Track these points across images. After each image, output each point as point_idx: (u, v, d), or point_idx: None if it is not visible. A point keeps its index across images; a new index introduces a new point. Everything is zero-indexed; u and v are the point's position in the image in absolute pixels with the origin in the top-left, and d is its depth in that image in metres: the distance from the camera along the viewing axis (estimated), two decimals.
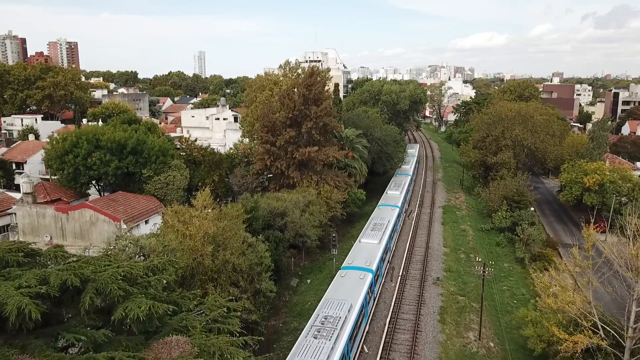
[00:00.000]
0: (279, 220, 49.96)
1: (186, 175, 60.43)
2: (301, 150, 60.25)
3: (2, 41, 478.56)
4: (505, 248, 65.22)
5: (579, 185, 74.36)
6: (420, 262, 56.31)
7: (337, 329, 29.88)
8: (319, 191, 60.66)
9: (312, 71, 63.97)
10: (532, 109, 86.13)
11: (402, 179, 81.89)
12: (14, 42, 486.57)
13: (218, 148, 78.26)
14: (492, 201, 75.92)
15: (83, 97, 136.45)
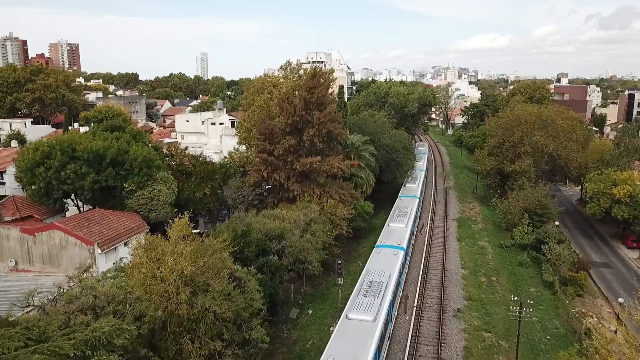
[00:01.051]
0: (276, 244, 43.48)
1: (174, 188, 54.05)
2: (302, 161, 53.82)
3: (3, 43, 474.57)
4: (530, 269, 58.51)
5: (607, 196, 67.76)
6: (436, 288, 49.67)
7: (382, 290, 37.07)
8: (322, 206, 54.22)
9: (315, 72, 57.52)
10: (554, 112, 79.44)
11: (416, 175, 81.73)
12: (15, 44, 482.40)
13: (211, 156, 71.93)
14: (511, 214, 69.32)
15: (75, 100, 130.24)
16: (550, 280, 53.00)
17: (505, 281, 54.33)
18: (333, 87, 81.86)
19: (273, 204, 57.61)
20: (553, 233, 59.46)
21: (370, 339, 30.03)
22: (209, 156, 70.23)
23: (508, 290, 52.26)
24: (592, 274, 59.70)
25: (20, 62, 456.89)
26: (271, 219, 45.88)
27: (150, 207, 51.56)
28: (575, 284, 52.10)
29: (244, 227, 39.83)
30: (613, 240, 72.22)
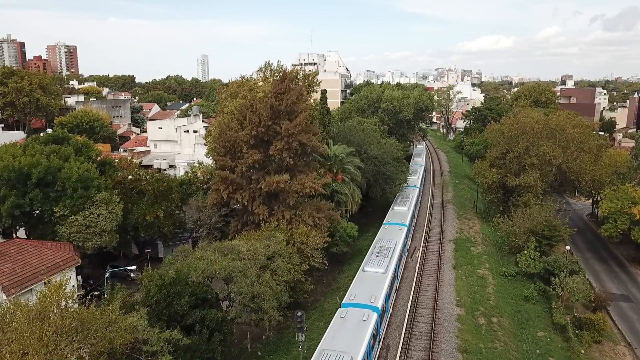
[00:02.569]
0: (224, 289, 35.14)
1: (117, 211, 45.75)
2: (268, 179, 45.46)
3: (0, 45, 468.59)
4: (537, 305, 49.91)
5: (625, 216, 59.12)
6: (425, 335, 41.17)
7: (390, 252, 45.08)
8: (291, 233, 45.83)
9: (284, 75, 49.11)
10: (564, 119, 70.75)
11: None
12: (12, 46, 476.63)
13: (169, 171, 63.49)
14: (515, 236, 60.71)
15: (51, 104, 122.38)
16: (562, 323, 44.39)
17: (508, 322, 45.78)
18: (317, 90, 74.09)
19: (236, 229, 49.30)
20: (564, 263, 50.83)
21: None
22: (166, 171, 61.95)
23: (512, 335, 43.74)
24: (611, 310, 51.10)
25: (17, 64, 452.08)
26: (220, 255, 37.44)
27: (85, 235, 43.29)
28: (592, 328, 43.49)
29: (173, 274, 31.44)
30: (632, 265, 63.58)
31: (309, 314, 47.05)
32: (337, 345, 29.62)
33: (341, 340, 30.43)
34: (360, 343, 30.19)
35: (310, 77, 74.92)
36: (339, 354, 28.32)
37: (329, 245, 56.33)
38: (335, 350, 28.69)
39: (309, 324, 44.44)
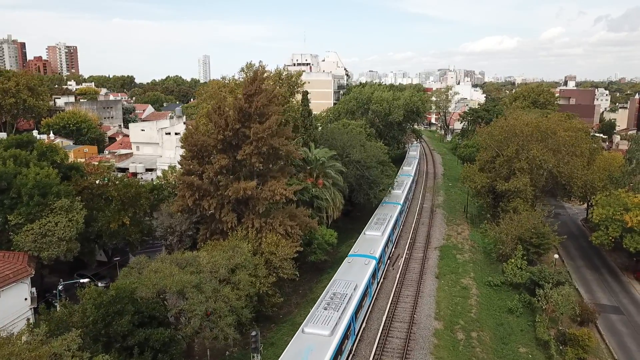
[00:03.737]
0: (177, 304, 32.80)
1: (79, 219, 43.50)
2: (235, 186, 43.12)
3: (0, 45, 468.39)
4: (522, 318, 47.43)
5: (617, 224, 56.49)
6: (397, 351, 38.83)
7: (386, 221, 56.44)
8: (260, 243, 43.51)
9: (255, 76, 46.71)
10: (555, 122, 68.16)
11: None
12: (12, 47, 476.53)
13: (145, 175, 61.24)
14: (503, 243, 58.24)
15: (38, 105, 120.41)
16: (545, 338, 41.91)
17: (489, 337, 43.34)
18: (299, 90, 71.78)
19: (205, 237, 47.01)
20: (550, 274, 48.30)
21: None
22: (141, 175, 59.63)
23: (491, 351, 41.30)
24: (600, 322, 48.48)
25: (17, 64, 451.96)
26: (177, 267, 35.13)
27: (41, 245, 41.06)
28: (577, 344, 40.96)
29: (112, 292, 29.10)
30: (624, 274, 60.90)
31: (279, 327, 44.86)
32: (346, 277, 42.09)
33: (349, 275, 42.69)
34: (363, 277, 42.49)
35: (294, 77, 72.76)
36: (347, 281, 40.81)
37: (307, 254, 54.14)
38: (345, 280, 41.31)
39: (277, 338, 42.26)
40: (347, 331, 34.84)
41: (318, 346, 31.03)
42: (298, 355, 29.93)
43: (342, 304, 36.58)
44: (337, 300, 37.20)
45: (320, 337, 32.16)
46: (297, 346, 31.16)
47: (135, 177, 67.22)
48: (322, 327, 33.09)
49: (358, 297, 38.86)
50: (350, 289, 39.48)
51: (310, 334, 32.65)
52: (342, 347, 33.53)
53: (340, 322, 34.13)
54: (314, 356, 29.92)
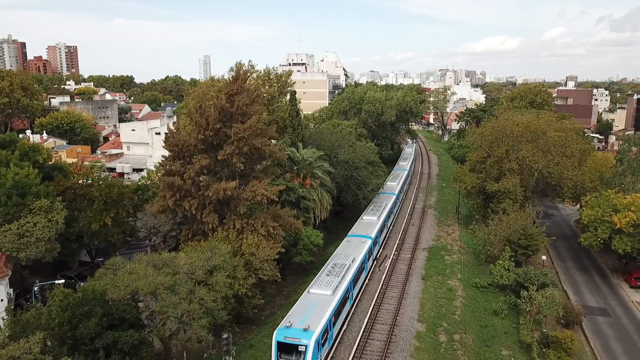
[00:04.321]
0: (149, 306, 32.40)
1: (59, 219, 43.16)
2: (215, 187, 42.72)
3: (0, 45, 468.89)
4: (506, 320, 46.96)
5: (606, 225, 55.98)
6: (377, 354, 38.38)
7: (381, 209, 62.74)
8: (240, 244, 43.10)
9: (237, 75, 46.32)
10: (545, 122, 67.60)
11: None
12: (12, 47, 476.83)
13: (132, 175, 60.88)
14: (491, 244, 57.82)
15: (32, 105, 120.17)
16: (527, 341, 41.45)
17: (471, 340, 42.89)
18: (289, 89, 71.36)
19: (187, 238, 46.62)
20: (536, 275, 47.78)
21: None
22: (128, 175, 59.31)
23: (473, 354, 40.87)
24: (586, 324, 47.96)
25: (17, 64, 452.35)
26: (154, 269, 34.76)
27: (19, 245, 40.72)
28: (559, 347, 40.48)
29: (79, 294, 28.72)
30: (614, 275, 60.34)
31: (261, 328, 44.46)
32: (345, 252, 48.19)
33: (348, 250, 48.83)
34: (360, 252, 48.50)
35: (283, 77, 72.36)
36: (346, 254, 47.09)
37: (292, 255, 53.79)
38: (344, 254, 47.48)
39: (257, 340, 41.91)
40: (346, 294, 40.64)
41: (321, 302, 36.98)
42: (305, 309, 35.81)
43: (341, 272, 42.35)
44: (337, 269, 43.06)
45: (323, 296, 38.02)
46: (304, 303, 37.18)
47: (122, 177, 66.98)
48: (324, 289, 38.93)
49: (355, 267, 44.77)
50: (349, 261, 45.38)
51: (314, 293, 38.59)
52: (341, 308, 39.04)
53: (340, 285, 39.93)
54: (318, 309, 35.83)
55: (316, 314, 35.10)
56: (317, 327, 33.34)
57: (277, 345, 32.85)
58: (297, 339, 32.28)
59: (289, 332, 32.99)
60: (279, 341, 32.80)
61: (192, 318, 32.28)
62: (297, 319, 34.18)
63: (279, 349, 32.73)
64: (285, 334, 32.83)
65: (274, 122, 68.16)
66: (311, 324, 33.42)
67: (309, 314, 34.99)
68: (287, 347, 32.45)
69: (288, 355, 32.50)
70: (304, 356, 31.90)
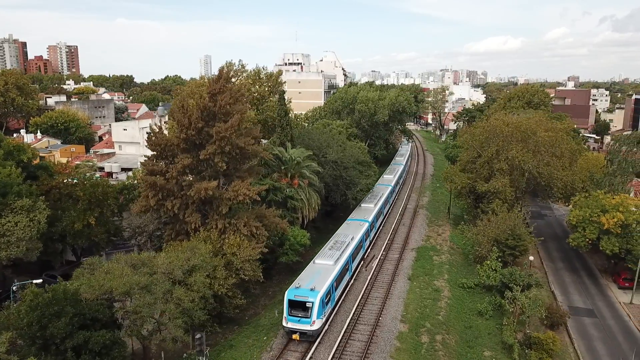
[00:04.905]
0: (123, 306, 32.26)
1: (41, 219, 43.06)
2: (196, 186, 42.57)
3: (1, 45, 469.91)
4: (491, 320, 46.79)
5: (594, 226, 55.78)
6: (357, 354, 38.15)
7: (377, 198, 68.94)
8: (222, 244, 42.94)
9: (220, 74, 46.13)
10: (535, 122, 67.32)
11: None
12: (13, 46, 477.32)
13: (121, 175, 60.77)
14: (479, 245, 57.64)
15: (27, 104, 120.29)
16: (509, 342, 41.25)
17: (454, 341, 42.71)
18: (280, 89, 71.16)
19: (170, 237, 46.48)
20: (520, 276, 47.54)
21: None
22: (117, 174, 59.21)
23: (455, 354, 40.71)
24: (571, 325, 47.77)
25: (18, 64, 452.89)
26: (131, 269, 34.63)
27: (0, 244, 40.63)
28: (541, 348, 40.27)
29: (50, 294, 28.58)
30: (603, 276, 60.11)
31: (243, 328, 44.28)
32: (346, 232, 54.45)
33: (348, 231, 55.21)
34: (358, 233, 54.86)
35: (273, 77, 72.22)
36: (346, 234, 53.29)
37: (278, 255, 53.61)
38: (344, 233, 53.78)
39: (238, 340, 41.67)
40: (345, 265, 47.40)
41: (324, 270, 43.63)
42: (311, 275, 42.53)
43: (342, 247, 49.12)
44: (338, 245, 49.93)
45: (327, 265, 44.80)
46: (310, 270, 44.04)
47: (111, 177, 66.93)
48: (327, 260, 45.72)
49: (354, 244, 51.47)
50: (349, 239, 51.86)
51: (319, 263, 45.35)
52: (342, 277, 46.06)
53: (340, 258, 46.63)
54: (322, 275, 42.35)
55: (320, 278, 41.66)
56: (321, 288, 39.78)
57: (288, 303, 38.91)
58: (305, 297, 38.70)
59: (298, 291, 39.42)
60: (290, 299, 38.92)
61: (167, 318, 32.11)
62: (305, 282, 40.69)
63: (290, 305, 38.79)
64: (295, 293, 39.20)
65: (264, 122, 68.08)
66: (316, 286, 39.81)
67: (315, 278, 41.51)
68: (296, 304, 38.61)
69: (297, 311, 38.47)
70: (311, 311, 38.10)
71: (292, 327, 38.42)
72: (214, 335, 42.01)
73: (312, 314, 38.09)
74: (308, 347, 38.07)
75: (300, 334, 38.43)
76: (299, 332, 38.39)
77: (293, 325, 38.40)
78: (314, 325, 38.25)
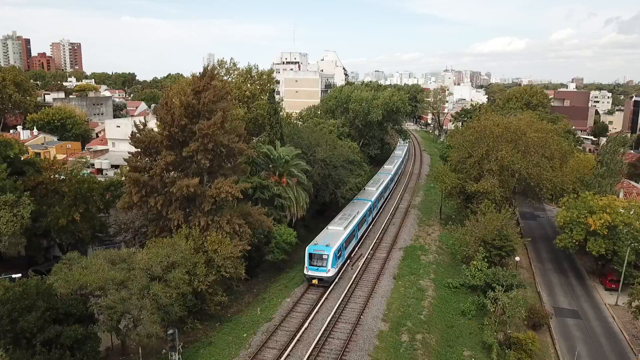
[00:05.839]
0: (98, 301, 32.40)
1: (25, 214, 43.30)
2: (179, 183, 42.73)
3: (4, 42, 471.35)
4: (473, 320, 46.81)
5: (582, 227, 55.71)
6: (335, 352, 38.26)
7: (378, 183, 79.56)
8: (203, 241, 43.06)
9: (205, 72, 46.27)
10: (525, 123, 67.25)
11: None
12: (16, 43, 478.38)
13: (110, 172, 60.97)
14: (467, 245, 57.59)
15: (25, 101, 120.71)
16: (489, 342, 41.26)
17: (434, 340, 42.71)
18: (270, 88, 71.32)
19: (154, 234, 46.63)
20: (504, 276, 47.51)
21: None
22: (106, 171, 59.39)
23: (434, 353, 40.71)
24: (555, 326, 47.77)
25: (21, 61, 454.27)
26: (110, 264, 34.81)
27: None
28: (520, 348, 40.26)
29: (20, 288, 28.76)
30: (590, 277, 60.02)
31: (224, 325, 44.32)
32: (352, 207, 64.57)
33: (354, 207, 64.67)
34: (362, 209, 64.34)
35: (265, 75, 72.34)
36: (353, 209, 63.69)
37: (265, 253, 53.75)
38: (351, 208, 64.06)
39: (218, 337, 41.78)
40: (352, 232, 57.57)
41: (336, 233, 54.51)
42: (325, 236, 53.43)
43: (349, 218, 59.68)
44: (346, 216, 60.63)
45: (337, 229, 55.68)
46: (324, 233, 54.71)
47: (101, 174, 67.17)
48: (338, 226, 56.77)
49: (359, 217, 61.57)
50: (355, 213, 62.20)
51: (331, 229, 56.23)
52: (349, 240, 56.44)
53: (348, 225, 57.21)
54: (334, 236, 53.14)
55: (333, 239, 52.38)
56: (334, 245, 50.57)
57: (308, 255, 49.56)
58: (321, 251, 49.52)
59: (316, 247, 50.34)
60: (310, 252, 49.64)
61: (143, 314, 32.21)
62: (321, 241, 51.70)
63: (310, 258, 49.41)
64: (314, 248, 50.09)
65: (254, 120, 68.21)
66: (330, 243, 50.76)
67: (328, 238, 52.40)
68: (315, 256, 49.27)
69: (316, 261, 49.07)
70: (326, 261, 48.79)
71: (311, 274, 48.99)
72: (195, 331, 42.21)
73: (328, 264, 48.70)
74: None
75: (318, 279, 48.81)
76: (317, 278, 48.79)
77: (312, 273, 48.95)
78: (329, 273, 48.81)
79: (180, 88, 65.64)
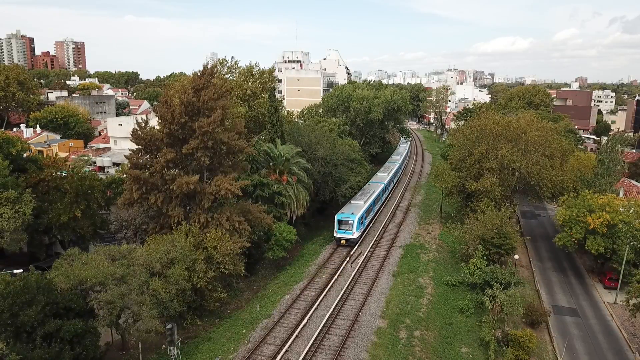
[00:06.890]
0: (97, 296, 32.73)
1: (27, 210, 43.69)
2: (178, 180, 43.07)
3: (8, 41, 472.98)
4: (472, 318, 46.98)
5: (581, 225, 55.84)
6: (332, 349, 38.49)
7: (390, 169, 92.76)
8: (203, 238, 43.39)
9: (204, 70, 46.59)
10: (525, 122, 67.36)
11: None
12: (20, 42, 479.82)
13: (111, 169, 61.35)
14: (466, 243, 57.80)
15: (28, 99, 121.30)
16: (487, 339, 41.46)
17: (432, 337, 42.92)
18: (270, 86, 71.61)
19: (154, 231, 46.99)
20: (502, 274, 47.70)
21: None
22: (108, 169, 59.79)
23: (431, 350, 40.91)
24: (553, 324, 47.97)
25: (25, 59, 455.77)
26: (110, 260, 35.19)
27: None
28: (518, 345, 40.46)
29: (21, 283, 29.14)
30: (590, 276, 60.16)
31: (223, 322, 44.66)
32: (368, 188, 74.11)
33: (370, 188, 74.49)
34: (377, 189, 74.43)
35: (266, 74, 72.63)
36: (369, 188, 73.61)
37: (265, 250, 54.09)
38: (367, 188, 73.63)
39: (217, 333, 42.13)
40: (370, 206, 67.54)
41: (358, 205, 64.38)
42: (350, 207, 63.63)
43: (367, 195, 69.38)
44: (364, 194, 70.35)
45: (359, 202, 65.55)
46: (348, 205, 64.47)
47: (102, 171, 67.58)
48: (359, 200, 66.52)
49: (375, 195, 71.53)
50: (371, 191, 72.12)
51: (353, 202, 65.71)
52: (369, 211, 66.74)
53: (367, 200, 67.11)
54: (357, 208, 63.15)
55: (356, 209, 62.72)
56: (358, 213, 61.13)
57: (337, 221, 60.25)
58: (348, 217, 60.38)
59: (343, 215, 60.86)
60: (339, 219, 60.33)
61: (143, 309, 32.52)
62: (347, 210, 62.24)
63: (338, 223, 60.19)
64: (342, 215, 60.67)
65: (255, 118, 68.53)
66: (354, 212, 61.53)
67: (352, 209, 62.81)
68: (342, 222, 60.17)
69: (343, 226, 60.05)
70: (352, 226, 59.83)
71: (340, 236, 60.13)
72: (194, 327, 42.56)
73: (353, 228, 59.81)
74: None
75: (345, 240, 59.77)
76: (344, 239, 59.74)
77: (341, 235, 60.05)
78: (354, 235, 59.92)
79: (181, 86, 66.10)
